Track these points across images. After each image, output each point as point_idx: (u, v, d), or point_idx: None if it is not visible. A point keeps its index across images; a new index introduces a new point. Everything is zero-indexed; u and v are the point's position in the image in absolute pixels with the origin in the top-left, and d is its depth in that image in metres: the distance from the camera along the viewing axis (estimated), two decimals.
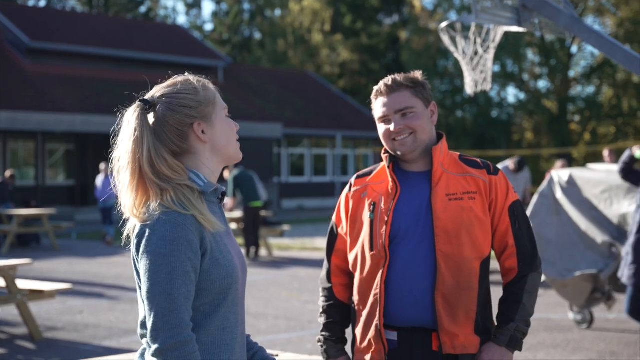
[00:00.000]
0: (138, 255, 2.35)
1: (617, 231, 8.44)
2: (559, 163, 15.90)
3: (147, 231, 2.33)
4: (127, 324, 9.54)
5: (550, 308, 10.20)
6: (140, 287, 2.39)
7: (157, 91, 2.52)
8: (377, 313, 3.09)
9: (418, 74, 3.22)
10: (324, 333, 3.32)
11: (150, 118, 2.46)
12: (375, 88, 3.21)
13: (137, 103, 2.48)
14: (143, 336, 2.41)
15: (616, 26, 42.16)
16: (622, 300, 10.36)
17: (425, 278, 3.04)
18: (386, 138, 3.16)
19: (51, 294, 9.01)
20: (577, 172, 9.02)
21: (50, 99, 29.16)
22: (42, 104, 28.40)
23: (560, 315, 9.79)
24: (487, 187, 3.11)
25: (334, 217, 3.33)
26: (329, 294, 3.32)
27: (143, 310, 2.38)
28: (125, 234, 2.47)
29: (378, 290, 3.09)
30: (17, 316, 9.56)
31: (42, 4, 51.79)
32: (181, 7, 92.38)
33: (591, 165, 9.97)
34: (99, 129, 28.46)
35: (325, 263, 3.36)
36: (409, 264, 3.05)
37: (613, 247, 8.38)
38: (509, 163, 14.17)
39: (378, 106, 3.18)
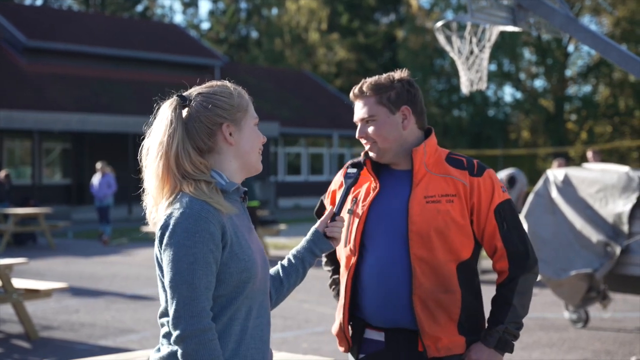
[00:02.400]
0: (161, 247, 2.44)
1: (613, 230, 8.46)
2: (556, 162, 15.88)
3: (171, 224, 2.43)
4: (123, 323, 9.54)
5: (546, 307, 10.21)
6: (162, 280, 2.49)
7: (194, 90, 2.63)
8: (343, 308, 3.15)
9: (399, 75, 3.18)
10: (332, 286, 3.42)
11: (184, 113, 2.57)
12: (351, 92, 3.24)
13: (175, 97, 2.59)
14: (162, 325, 2.51)
15: (613, 25, 42.19)
16: (617, 300, 10.39)
17: (401, 281, 3.03)
18: (361, 141, 3.22)
19: (47, 293, 9.01)
20: (573, 172, 9.03)
21: (47, 97, 29.14)
22: (39, 103, 28.39)
23: (556, 314, 9.80)
24: (466, 190, 3.05)
25: (326, 194, 3.37)
26: None
27: (164, 301, 2.48)
28: (150, 224, 2.59)
29: (344, 287, 3.14)
30: (13, 315, 9.56)
31: (39, 2, 51.76)
32: (178, 6, 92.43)
33: (587, 165, 9.99)
34: (96, 128, 28.44)
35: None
36: (383, 265, 3.05)
37: (608, 247, 8.39)
38: (502, 176, 14.21)
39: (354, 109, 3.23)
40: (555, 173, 9.10)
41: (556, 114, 43.55)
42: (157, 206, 2.54)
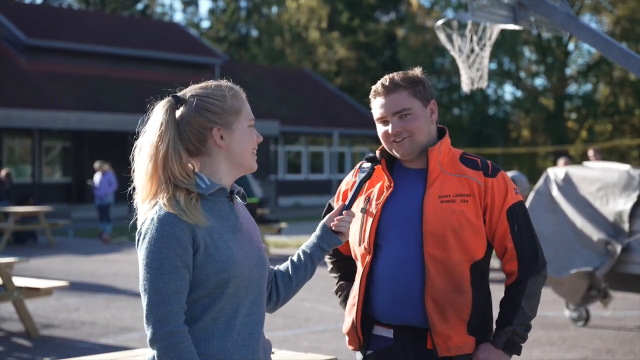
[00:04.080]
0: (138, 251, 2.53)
1: (613, 229, 8.46)
2: (561, 161, 15.78)
3: (142, 231, 2.50)
4: (123, 321, 9.54)
5: (546, 305, 10.21)
6: None
7: (189, 90, 2.64)
8: (355, 308, 3.14)
9: (417, 72, 3.17)
10: (339, 292, 3.43)
11: (177, 114, 2.59)
12: (374, 88, 3.16)
13: (168, 98, 2.61)
14: None
15: (613, 24, 42.19)
16: (618, 298, 10.39)
17: (414, 280, 3.03)
18: (385, 139, 3.13)
19: (47, 292, 9.01)
20: (573, 170, 9.03)
21: (47, 96, 29.13)
22: (39, 102, 28.38)
23: (556, 312, 9.80)
24: (481, 190, 3.04)
25: (335, 196, 3.34)
26: (334, 251, 3.36)
27: None
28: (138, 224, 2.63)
29: (358, 285, 3.14)
30: (14, 313, 9.55)
31: (39, 1, 51.70)
32: (178, 5, 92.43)
33: (587, 163, 9.99)
34: (96, 127, 28.44)
35: None
36: (396, 264, 3.05)
37: (609, 245, 8.39)
38: None
39: (376, 107, 3.14)
40: (555, 171, 9.09)
41: (556, 112, 43.54)
42: (140, 204, 2.59)
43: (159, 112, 2.57)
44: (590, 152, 14.82)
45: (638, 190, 8.34)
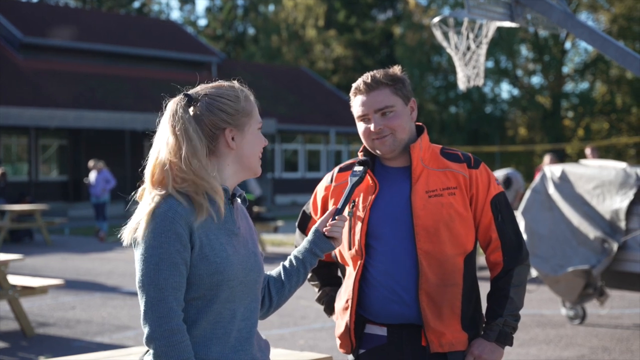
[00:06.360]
0: (134, 245, 2.46)
1: (610, 227, 8.45)
2: (547, 158, 15.79)
3: (141, 224, 2.44)
4: (119, 319, 9.52)
5: (543, 304, 10.20)
6: None
7: (202, 89, 2.61)
8: (349, 310, 3.13)
9: (397, 70, 3.17)
10: (321, 300, 3.42)
11: (190, 112, 2.55)
12: (354, 85, 3.16)
13: (181, 96, 2.57)
14: None
15: (610, 22, 42.19)
16: (615, 296, 10.38)
17: (408, 276, 3.03)
18: (366, 137, 3.13)
19: (43, 290, 8.99)
20: (570, 168, 9.01)
21: (44, 94, 29.09)
22: (36, 99, 28.34)
23: (553, 311, 9.79)
24: (467, 182, 3.07)
25: (310, 203, 3.32)
26: None
27: None
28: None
29: (351, 288, 3.12)
30: (9, 312, 9.53)
31: None
32: (175, 3, 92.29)
33: (584, 161, 9.97)
34: (92, 124, 28.39)
35: (299, 232, 3.37)
36: (390, 261, 3.05)
37: (605, 243, 8.38)
38: (498, 176, 14.04)
39: (357, 104, 3.14)
40: (552, 169, 9.08)
41: (553, 110, 43.55)
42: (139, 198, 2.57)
43: (171, 108, 2.54)
44: (588, 151, 14.87)
45: (634, 188, 8.33)
